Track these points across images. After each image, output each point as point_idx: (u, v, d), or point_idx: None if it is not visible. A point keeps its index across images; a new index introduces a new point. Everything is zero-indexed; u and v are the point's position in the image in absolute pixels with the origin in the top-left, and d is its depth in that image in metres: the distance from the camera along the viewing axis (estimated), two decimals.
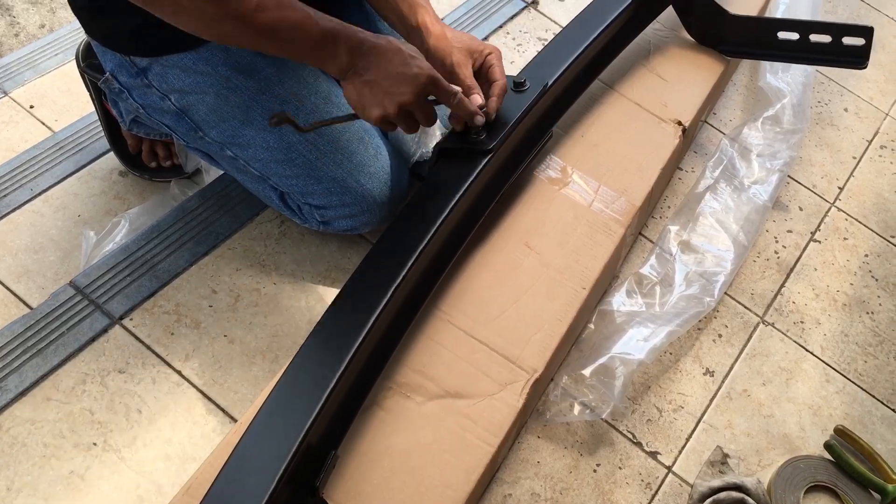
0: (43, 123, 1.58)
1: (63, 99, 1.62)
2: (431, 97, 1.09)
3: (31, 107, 1.61)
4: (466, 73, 1.15)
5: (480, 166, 1.15)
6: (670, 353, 1.41)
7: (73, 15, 1.19)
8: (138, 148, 1.46)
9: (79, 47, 1.39)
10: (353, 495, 1.00)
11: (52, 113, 1.60)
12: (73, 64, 1.42)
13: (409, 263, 1.04)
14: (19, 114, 1.59)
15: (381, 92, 1.05)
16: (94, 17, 1.16)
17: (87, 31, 1.21)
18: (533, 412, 1.27)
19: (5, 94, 1.62)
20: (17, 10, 1.97)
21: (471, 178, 1.14)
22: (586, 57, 1.38)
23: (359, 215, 1.25)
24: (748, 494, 1.22)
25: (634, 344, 1.32)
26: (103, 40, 1.18)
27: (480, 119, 1.15)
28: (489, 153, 1.16)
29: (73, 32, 1.78)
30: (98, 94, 1.41)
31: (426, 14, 1.16)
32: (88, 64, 1.37)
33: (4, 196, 1.42)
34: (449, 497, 1.02)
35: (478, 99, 1.15)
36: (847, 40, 1.53)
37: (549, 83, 1.26)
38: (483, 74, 1.18)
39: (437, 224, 1.08)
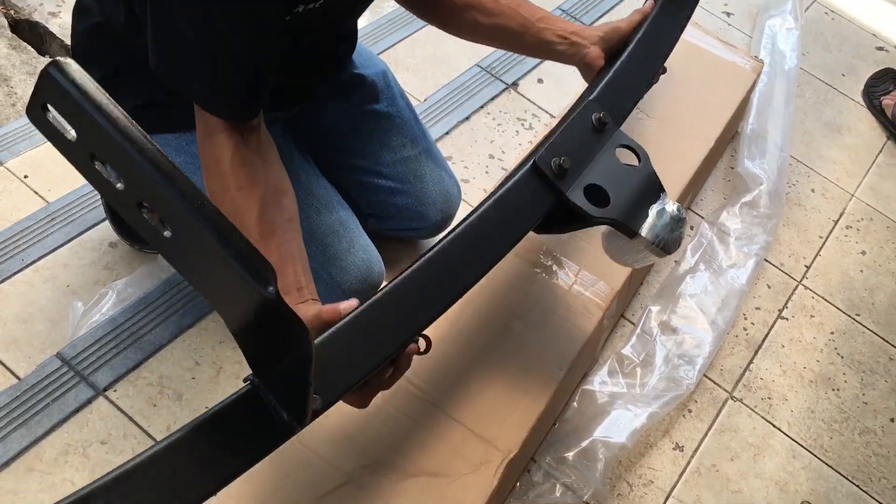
0: (37, 193, 1.62)
1: (57, 169, 1.67)
2: None
3: (26, 177, 1.65)
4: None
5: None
6: None
7: None
8: None
9: None
10: None
11: (46, 183, 1.64)
12: None
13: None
14: (13, 183, 1.64)
15: None
16: None
17: None
18: (514, 490, 1.29)
19: (1, 164, 1.66)
20: (15, 80, 2.03)
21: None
22: None
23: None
24: None
25: (616, 428, 1.37)
26: None
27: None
28: None
29: None
30: None
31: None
32: None
33: None
34: None
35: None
36: None
37: None
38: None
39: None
